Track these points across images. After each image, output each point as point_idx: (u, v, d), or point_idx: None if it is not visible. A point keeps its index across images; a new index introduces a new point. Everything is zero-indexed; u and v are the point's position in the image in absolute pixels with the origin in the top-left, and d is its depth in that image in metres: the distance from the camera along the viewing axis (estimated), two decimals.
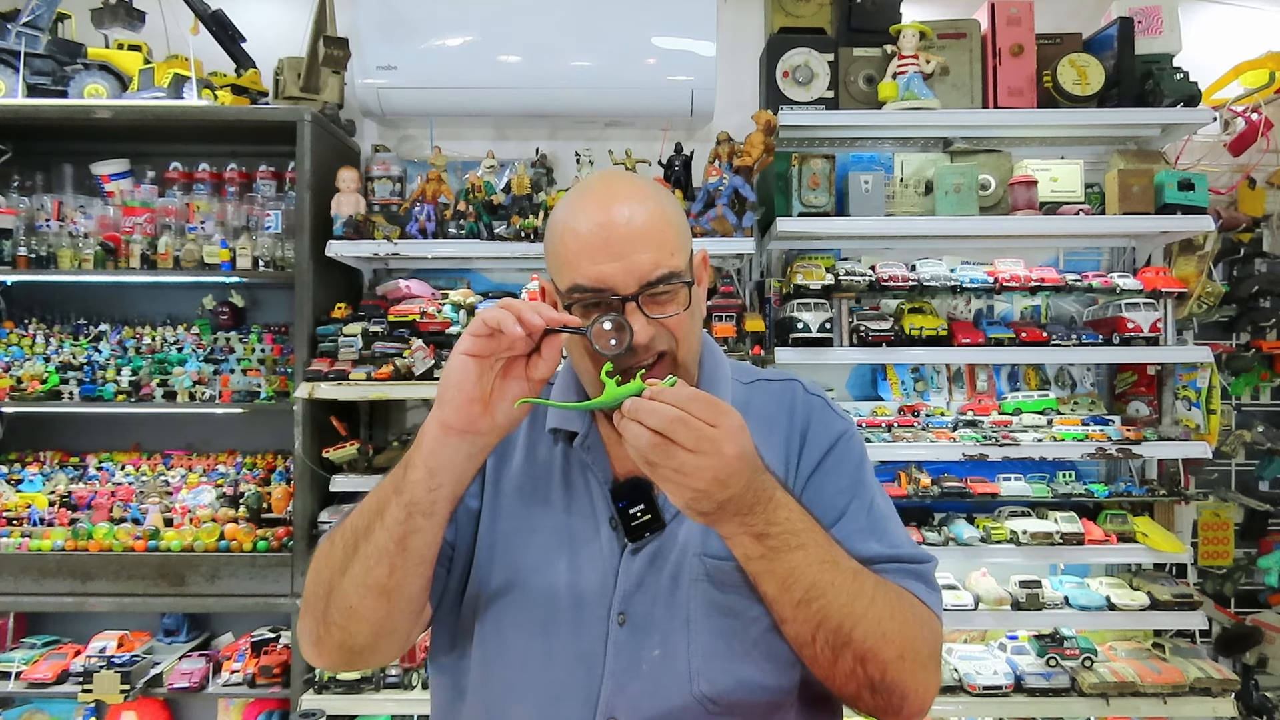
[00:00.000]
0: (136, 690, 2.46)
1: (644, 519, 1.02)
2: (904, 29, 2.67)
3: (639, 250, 0.99)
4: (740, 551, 0.92)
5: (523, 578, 1.05)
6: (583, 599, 1.03)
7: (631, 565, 1.04)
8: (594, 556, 1.05)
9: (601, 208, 1.02)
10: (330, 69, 2.68)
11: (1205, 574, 2.95)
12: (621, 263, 0.99)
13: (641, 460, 0.86)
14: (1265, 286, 2.92)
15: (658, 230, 1.02)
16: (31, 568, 2.49)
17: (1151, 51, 2.76)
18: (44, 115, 2.61)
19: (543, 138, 2.99)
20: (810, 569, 0.92)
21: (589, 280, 1.00)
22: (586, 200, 1.05)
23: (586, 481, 1.10)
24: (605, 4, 2.75)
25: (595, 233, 1.00)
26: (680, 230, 1.06)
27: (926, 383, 2.95)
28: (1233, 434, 2.94)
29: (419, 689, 2.50)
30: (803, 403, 1.16)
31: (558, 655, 1.02)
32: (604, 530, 1.06)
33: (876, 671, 0.94)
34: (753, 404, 1.13)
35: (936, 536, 2.62)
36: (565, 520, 1.07)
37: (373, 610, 0.95)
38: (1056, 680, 2.49)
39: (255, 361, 2.74)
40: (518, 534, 1.08)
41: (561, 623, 1.03)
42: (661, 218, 1.03)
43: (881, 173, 2.71)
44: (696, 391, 0.86)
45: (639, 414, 0.85)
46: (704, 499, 0.86)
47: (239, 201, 2.79)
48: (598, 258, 0.99)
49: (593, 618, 1.02)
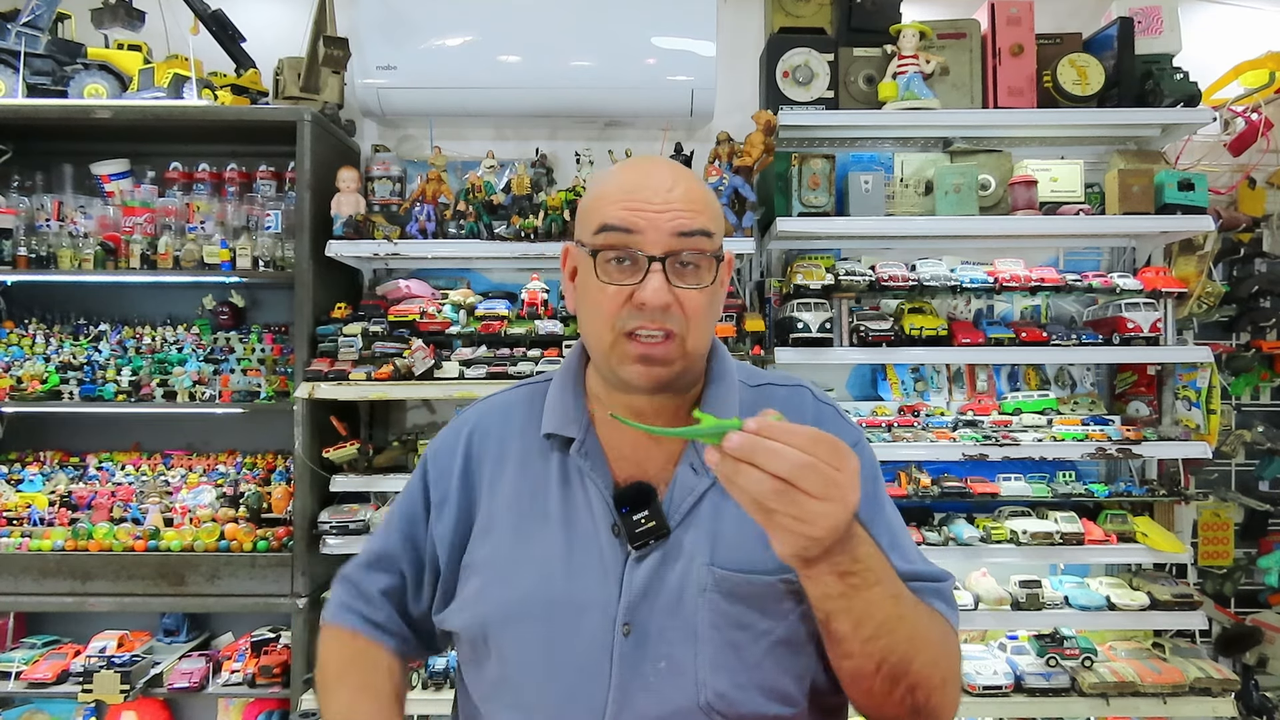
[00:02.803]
0: (136, 690, 2.46)
1: (648, 525, 0.98)
2: (904, 29, 2.67)
3: (674, 207, 0.99)
4: (820, 591, 0.86)
5: (524, 589, 1.02)
6: (585, 609, 0.99)
7: (636, 574, 1.00)
8: (596, 565, 1.01)
9: (643, 171, 1.03)
10: (330, 69, 2.68)
11: (1205, 574, 2.95)
12: (657, 215, 0.98)
13: (754, 506, 0.78)
14: (1265, 286, 2.92)
15: (696, 198, 1.02)
16: (31, 568, 2.49)
17: (1151, 51, 2.76)
18: (44, 115, 2.60)
19: (543, 138, 2.99)
20: (884, 604, 0.88)
21: (619, 220, 0.98)
22: (630, 164, 1.07)
23: (585, 488, 1.05)
24: (605, 4, 2.75)
25: (635, 183, 1.01)
26: (717, 211, 1.06)
27: (926, 383, 2.95)
28: (1233, 434, 2.94)
29: (419, 689, 2.50)
30: (814, 411, 1.13)
31: (561, 667, 0.98)
32: (605, 537, 1.02)
33: (923, 697, 0.93)
34: (760, 409, 1.11)
35: (936, 536, 2.62)
36: (564, 528, 1.03)
37: None
38: (1056, 680, 2.49)
39: (255, 361, 2.74)
40: (517, 545, 1.05)
41: (564, 634, 0.99)
42: (701, 191, 1.04)
43: (881, 173, 2.71)
44: (817, 432, 0.78)
45: (757, 457, 0.76)
46: (816, 545, 0.79)
47: (239, 201, 2.78)
48: (633, 203, 0.99)
49: (596, 629, 0.98)
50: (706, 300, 1.01)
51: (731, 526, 1.02)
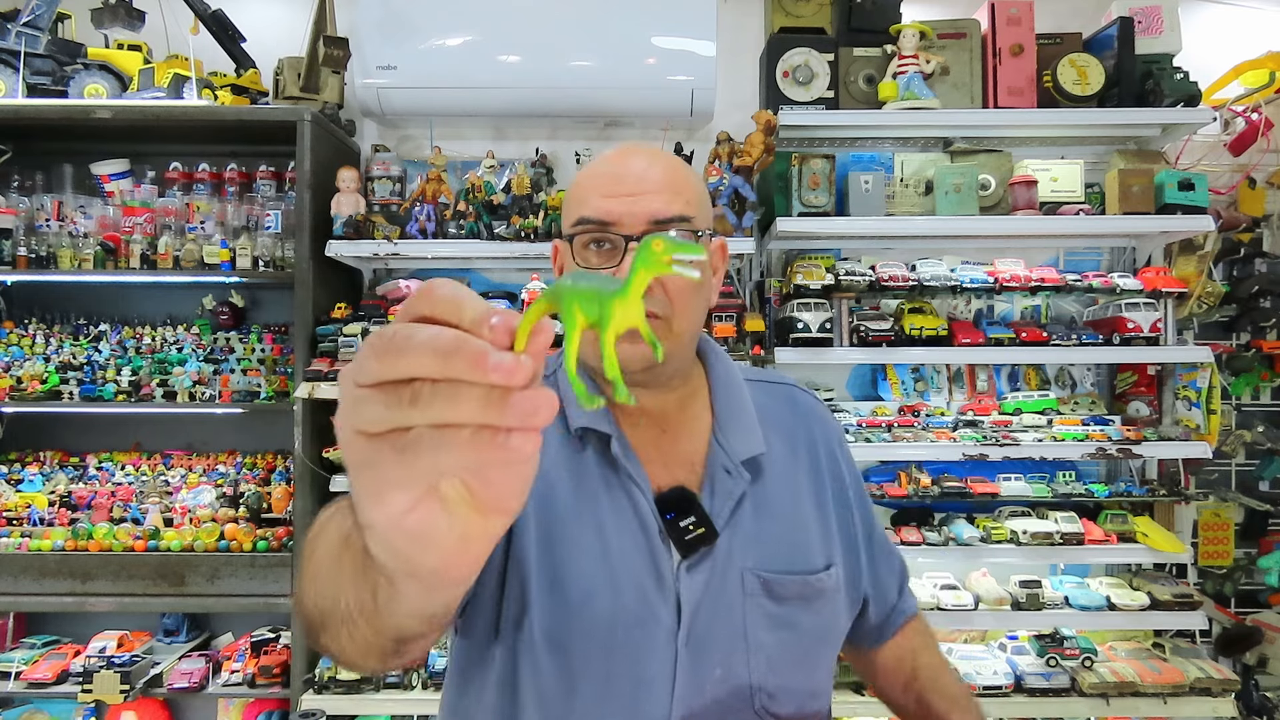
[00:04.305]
0: (136, 690, 2.46)
1: (697, 532, 0.95)
2: (904, 29, 2.67)
3: (652, 192, 0.98)
4: None
5: (577, 600, 0.94)
6: (644, 622, 0.94)
7: (692, 584, 0.96)
8: (649, 574, 0.96)
9: (621, 157, 1.02)
10: (330, 69, 2.68)
11: (1205, 574, 2.95)
12: (632, 200, 0.97)
13: None
14: (1265, 286, 2.92)
15: (675, 181, 1.00)
16: (31, 568, 2.49)
17: (1151, 51, 2.76)
18: (44, 115, 2.60)
19: (543, 138, 2.99)
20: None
21: (595, 213, 0.98)
22: (607, 155, 1.06)
23: (628, 491, 0.99)
24: (605, 4, 2.75)
25: (610, 171, 1.00)
26: (699, 193, 1.03)
27: (926, 383, 2.95)
28: (1233, 434, 2.94)
29: (419, 689, 2.49)
30: (804, 405, 1.15)
31: (620, 680, 0.94)
32: (654, 544, 0.97)
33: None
34: (769, 408, 1.10)
35: (936, 536, 2.62)
36: (613, 534, 0.97)
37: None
38: (1056, 680, 2.49)
39: (255, 361, 2.74)
40: (564, 550, 0.96)
41: (624, 648, 0.94)
42: (682, 175, 1.02)
43: (881, 173, 2.71)
44: None
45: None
46: None
47: (239, 201, 2.78)
48: (608, 193, 0.98)
49: (658, 643, 0.94)
50: (688, 281, 0.94)
51: (771, 526, 1.02)
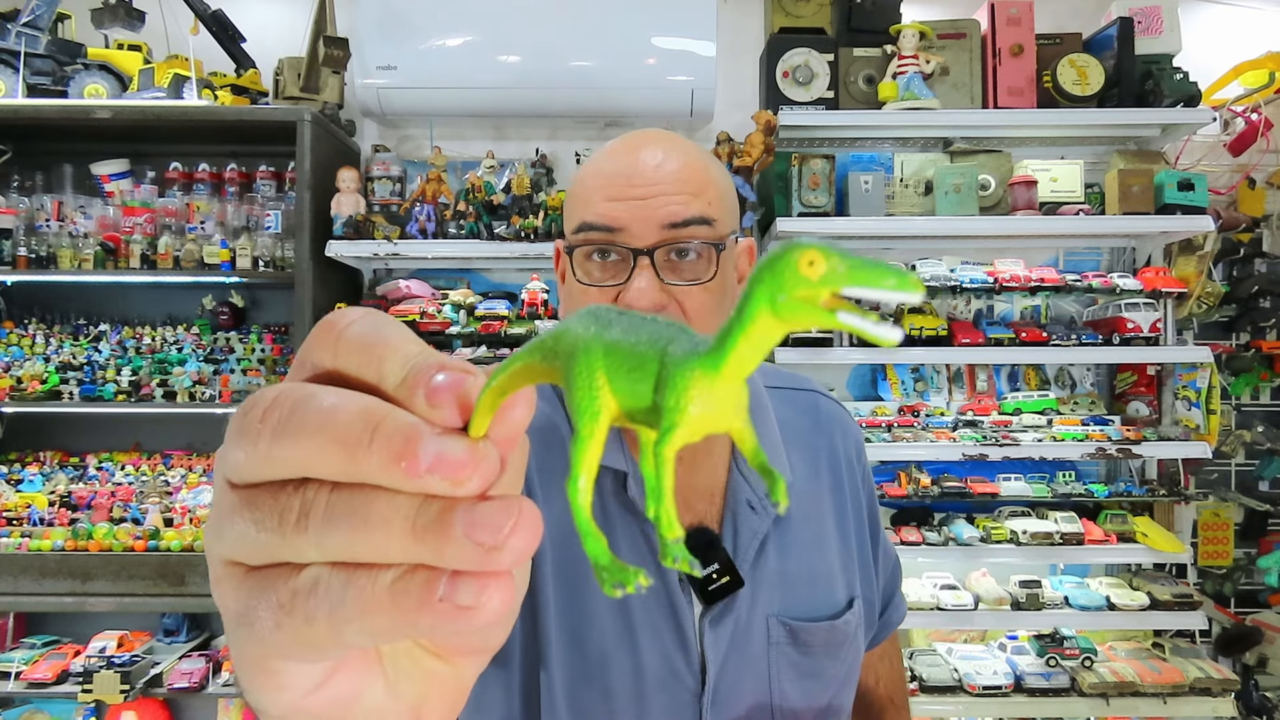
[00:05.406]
0: (136, 690, 2.46)
1: (721, 581, 0.85)
2: (904, 29, 2.67)
3: (665, 194, 0.83)
4: None
5: (596, 657, 0.86)
6: (665, 685, 0.86)
7: (716, 639, 0.88)
8: (669, 630, 0.87)
9: (630, 150, 0.87)
10: (330, 69, 2.68)
11: (1205, 574, 2.95)
12: (642, 204, 0.83)
13: None
14: (1265, 286, 2.92)
15: (694, 176, 0.85)
16: (31, 568, 2.48)
17: (1151, 51, 2.76)
18: (44, 115, 2.60)
19: (543, 138, 2.99)
20: None
21: (599, 217, 0.84)
22: (615, 145, 0.90)
23: (645, 533, 0.89)
24: (605, 4, 2.75)
25: (618, 169, 0.85)
26: (723, 189, 0.89)
27: (926, 383, 2.95)
28: (1233, 434, 2.94)
29: None
30: (827, 414, 1.05)
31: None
32: (674, 596, 0.87)
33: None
34: (790, 423, 1.01)
35: (936, 536, 2.62)
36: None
37: None
38: (1056, 680, 2.49)
39: (255, 361, 2.74)
40: (580, 598, 0.87)
41: (651, 708, 0.86)
42: (701, 167, 0.87)
43: (881, 173, 2.71)
44: None
45: None
46: None
47: (239, 201, 2.78)
48: (615, 195, 0.84)
49: (680, 704, 0.87)
50: (710, 297, 0.85)
51: (795, 568, 0.93)
